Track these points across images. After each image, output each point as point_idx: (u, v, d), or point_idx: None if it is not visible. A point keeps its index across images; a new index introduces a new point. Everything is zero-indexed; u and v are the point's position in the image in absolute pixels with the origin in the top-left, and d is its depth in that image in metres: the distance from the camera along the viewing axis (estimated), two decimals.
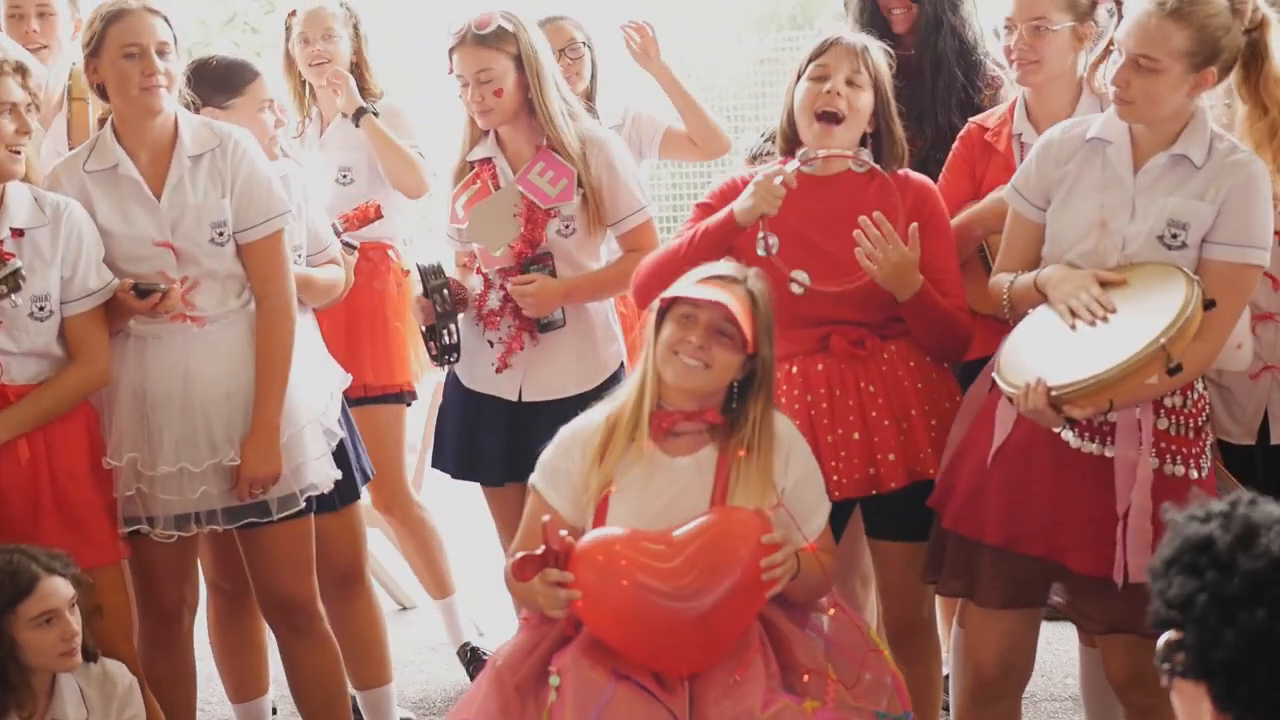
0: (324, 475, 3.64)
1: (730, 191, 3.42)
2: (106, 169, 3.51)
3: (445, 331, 3.87)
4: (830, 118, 3.34)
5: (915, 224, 3.24)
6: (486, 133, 3.90)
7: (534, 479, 3.12)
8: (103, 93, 3.51)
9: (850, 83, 3.35)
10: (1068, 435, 3.03)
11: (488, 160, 3.91)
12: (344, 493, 3.76)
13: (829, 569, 3.09)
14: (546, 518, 2.93)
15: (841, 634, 3.08)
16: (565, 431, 3.14)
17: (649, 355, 3.07)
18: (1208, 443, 3.11)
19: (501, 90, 3.79)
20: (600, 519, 3.02)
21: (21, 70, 3.35)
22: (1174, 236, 3.02)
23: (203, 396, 3.49)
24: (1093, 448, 3.03)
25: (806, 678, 2.94)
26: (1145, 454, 2.98)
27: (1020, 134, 3.59)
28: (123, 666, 3.36)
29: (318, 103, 4.69)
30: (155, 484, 3.48)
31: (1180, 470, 3.03)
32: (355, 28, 4.64)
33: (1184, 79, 2.99)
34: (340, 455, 3.72)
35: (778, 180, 3.25)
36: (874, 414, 3.33)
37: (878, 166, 3.35)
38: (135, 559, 3.54)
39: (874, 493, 3.32)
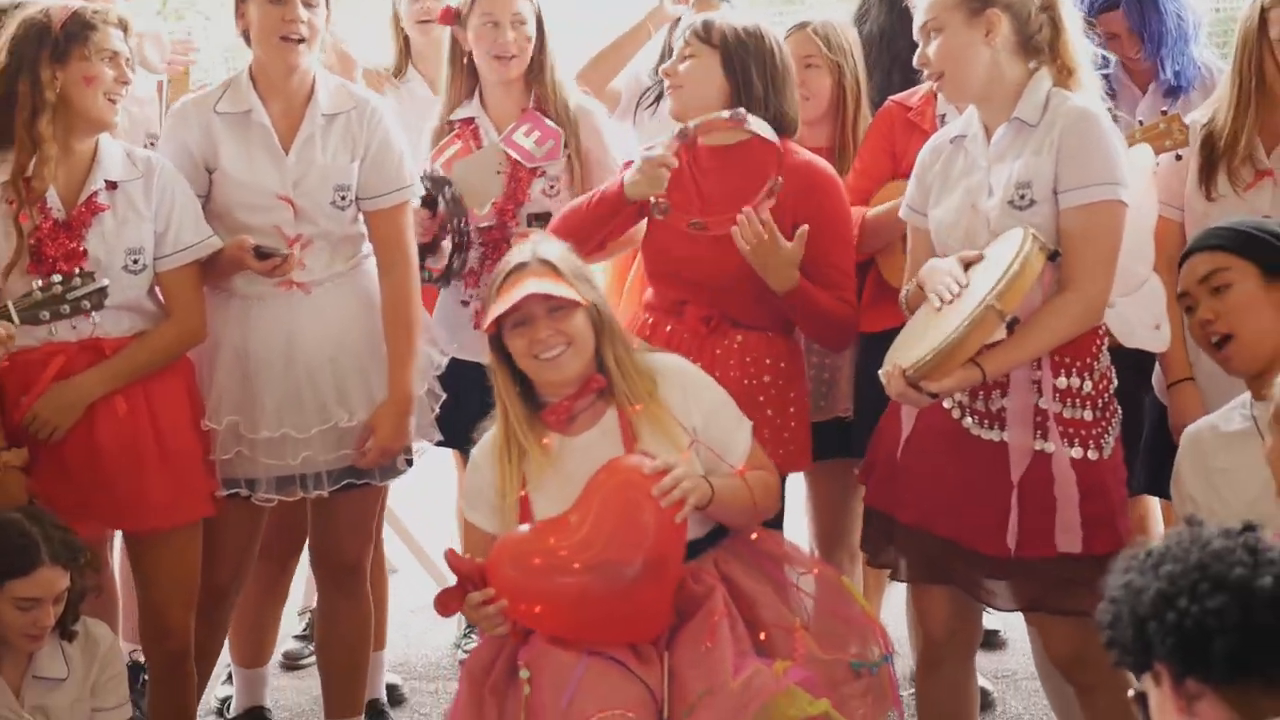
0: (428, 438, 3.70)
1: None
2: (238, 113, 3.50)
3: (458, 233, 3.80)
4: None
5: (805, 226, 3.31)
6: (471, 93, 3.90)
7: (462, 507, 3.15)
8: (247, 39, 3.50)
9: (686, 56, 3.45)
10: (967, 422, 3.10)
11: (469, 120, 3.91)
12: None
13: (767, 485, 3.10)
14: (447, 549, 2.96)
15: (818, 585, 3.11)
16: (475, 451, 3.15)
17: (499, 379, 3.07)
18: (1112, 421, 3.15)
19: (530, 38, 3.81)
20: (524, 518, 3.02)
21: (124, 25, 3.37)
22: (1021, 197, 3.05)
23: (307, 360, 3.49)
24: (991, 435, 3.10)
25: (763, 636, 2.95)
26: (1021, 433, 3.05)
27: (944, 115, 3.63)
28: (104, 627, 3.35)
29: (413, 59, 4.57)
30: (257, 447, 3.49)
31: (1078, 452, 3.07)
32: None
33: (970, 27, 3.07)
34: None
35: (666, 153, 3.36)
36: None
37: (751, 123, 3.39)
38: (204, 530, 3.50)
39: None
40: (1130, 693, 1.77)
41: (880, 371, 3.09)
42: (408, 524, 5.17)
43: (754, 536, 3.09)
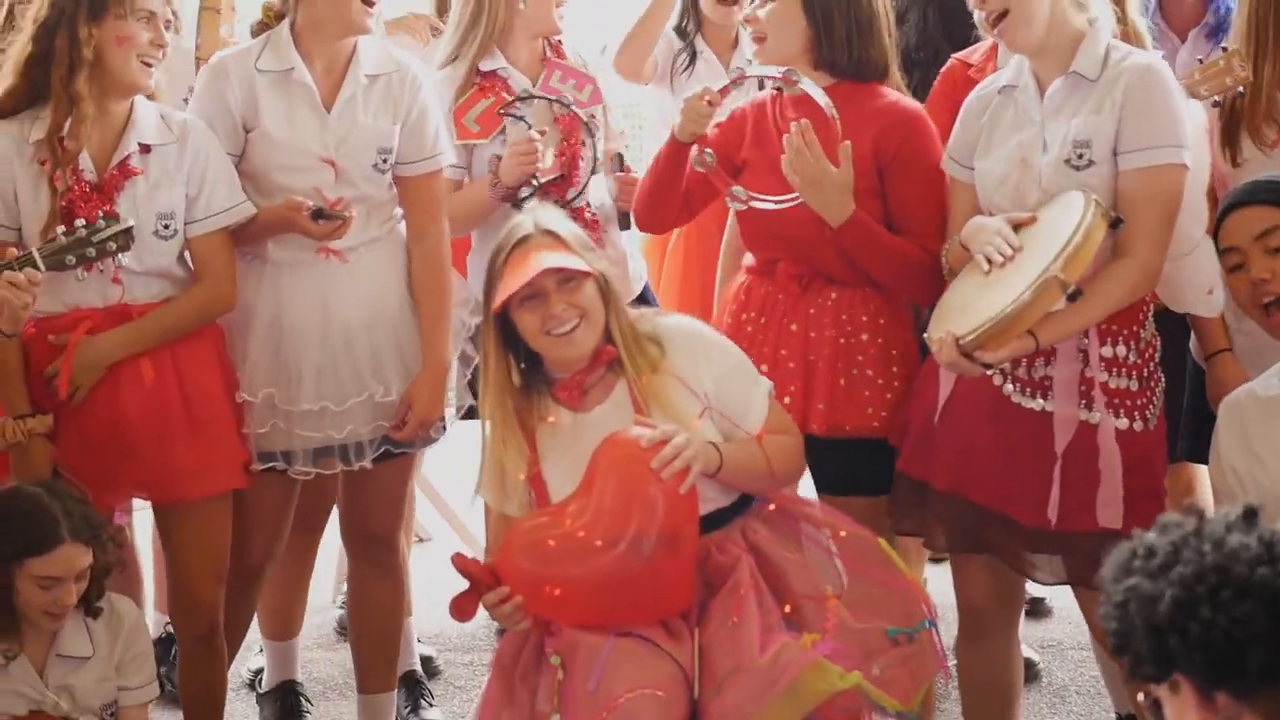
0: (460, 404, 3.68)
1: (732, 121, 3.42)
2: (280, 71, 3.40)
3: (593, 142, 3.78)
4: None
5: (847, 143, 3.15)
6: (489, 46, 3.78)
7: (477, 485, 3.05)
8: None
9: (766, 1, 3.30)
10: (1009, 389, 3.01)
11: (493, 73, 3.79)
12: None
13: (789, 449, 2.99)
14: (454, 553, 2.88)
15: (852, 550, 2.97)
16: (486, 429, 3.04)
17: (489, 357, 2.96)
18: (1158, 390, 3.06)
19: None
20: (541, 498, 2.93)
21: None
22: (1079, 157, 2.94)
23: (343, 328, 3.42)
24: (1033, 404, 3.00)
25: (788, 608, 2.85)
26: (1069, 404, 2.96)
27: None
28: (129, 603, 3.31)
29: None
30: (294, 420, 3.41)
31: (1123, 423, 2.98)
32: None
33: None
34: None
35: (705, 99, 3.25)
36: (783, 352, 3.28)
37: (803, 84, 3.22)
38: (234, 507, 3.43)
39: None
40: (1140, 698, 1.66)
41: (928, 337, 2.99)
42: (441, 491, 5.10)
43: (771, 507, 3.00)
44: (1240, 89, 3.34)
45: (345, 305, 3.41)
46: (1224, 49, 3.43)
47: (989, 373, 2.95)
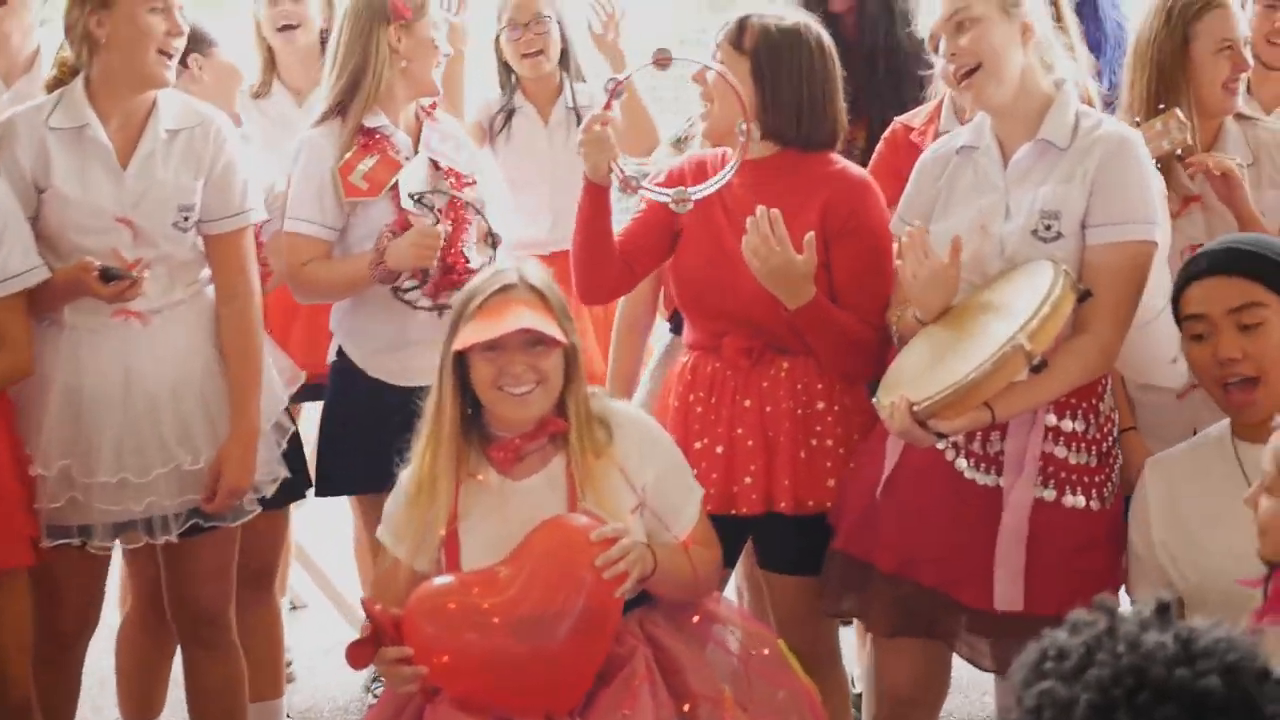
0: (273, 475, 3.45)
1: (671, 179, 3.25)
2: (74, 128, 3.24)
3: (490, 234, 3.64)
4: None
5: (811, 233, 3.01)
6: (371, 105, 3.61)
7: (380, 531, 2.92)
8: (90, 46, 3.22)
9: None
10: (961, 464, 2.88)
11: (373, 132, 3.62)
12: (289, 490, 3.57)
13: (709, 562, 2.89)
14: (363, 595, 2.71)
15: (752, 649, 2.88)
16: (402, 475, 2.91)
17: (442, 399, 2.82)
18: (1115, 467, 2.94)
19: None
20: (452, 561, 2.79)
21: None
22: (1047, 228, 2.84)
23: (147, 396, 3.25)
24: (987, 480, 2.87)
25: (687, 707, 2.74)
26: (1029, 476, 2.82)
27: (947, 133, 3.40)
28: None
29: (278, 70, 4.37)
30: (92, 492, 3.23)
31: (1080, 501, 2.86)
32: None
33: (1006, 21, 2.85)
34: (295, 452, 3.57)
35: (597, 123, 3.07)
36: (739, 431, 3.14)
37: (676, 60, 3.11)
38: (41, 574, 3.24)
39: (731, 513, 3.12)
40: None
41: (878, 403, 2.85)
42: (317, 559, 4.93)
43: (695, 619, 2.88)
44: (1178, 151, 3.25)
45: (148, 371, 3.26)
46: (1161, 109, 3.33)
47: (940, 444, 2.83)
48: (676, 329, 3.65)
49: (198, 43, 3.58)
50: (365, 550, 4.47)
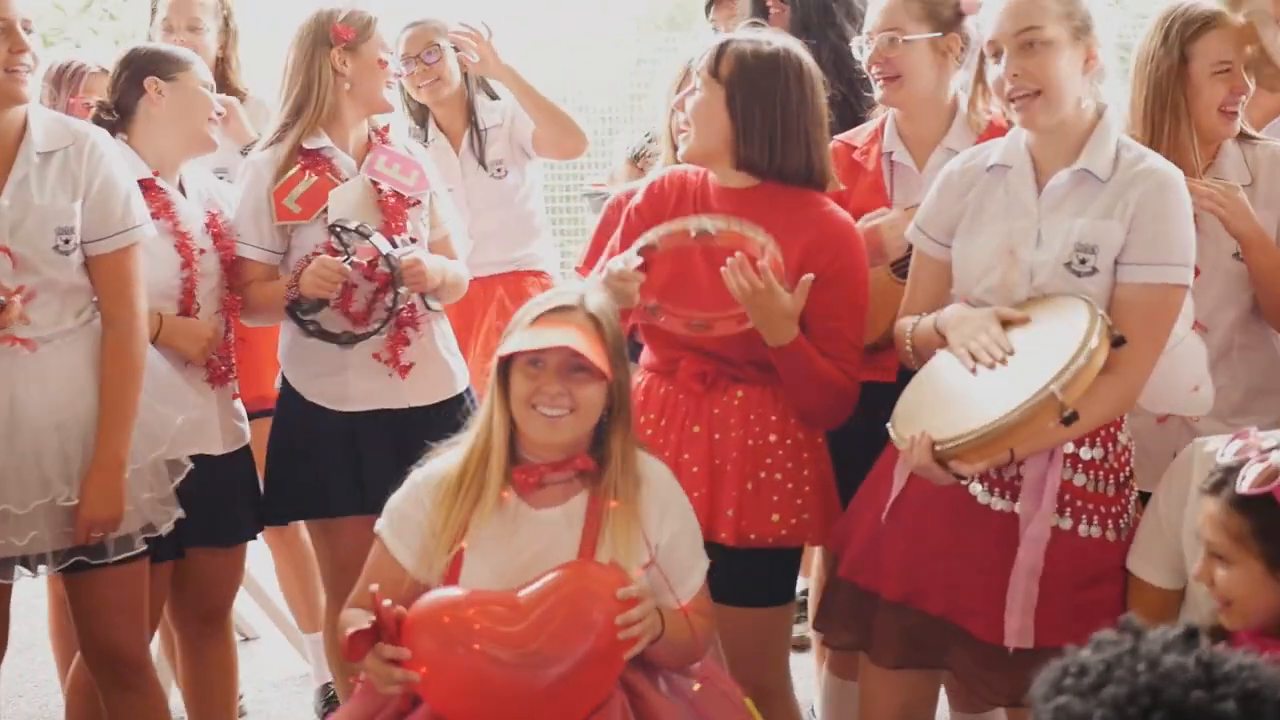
0: (164, 515, 3.30)
1: (653, 194, 3.17)
2: None
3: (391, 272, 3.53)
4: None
5: (809, 275, 2.93)
6: (314, 127, 3.61)
7: (380, 525, 2.80)
8: None
9: (694, 90, 3.09)
10: (975, 489, 2.77)
11: (315, 152, 3.61)
12: (245, 528, 3.59)
13: (704, 632, 2.80)
14: (374, 587, 2.64)
15: (710, 703, 2.79)
16: (418, 475, 2.81)
17: (493, 407, 2.76)
18: (1131, 499, 2.84)
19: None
20: (452, 578, 2.71)
21: None
22: (1082, 262, 2.74)
23: (31, 428, 3.12)
24: (1002, 505, 2.76)
25: None
26: (1048, 510, 2.72)
27: (891, 152, 3.37)
28: None
29: None
30: None
31: (1096, 531, 2.77)
32: (226, 20, 4.33)
33: (1074, 47, 2.76)
34: (252, 487, 3.57)
35: (627, 268, 2.98)
36: (686, 456, 3.07)
37: (711, 232, 2.98)
38: None
39: None
40: None
41: (895, 433, 2.74)
42: (268, 590, 4.83)
43: (696, 687, 2.79)
44: None
45: (34, 402, 3.13)
46: None
47: (962, 483, 2.72)
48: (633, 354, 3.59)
49: (160, 65, 3.52)
50: (291, 581, 4.47)
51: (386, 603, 2.60)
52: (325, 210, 3.58)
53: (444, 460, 2.81)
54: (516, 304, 3.30)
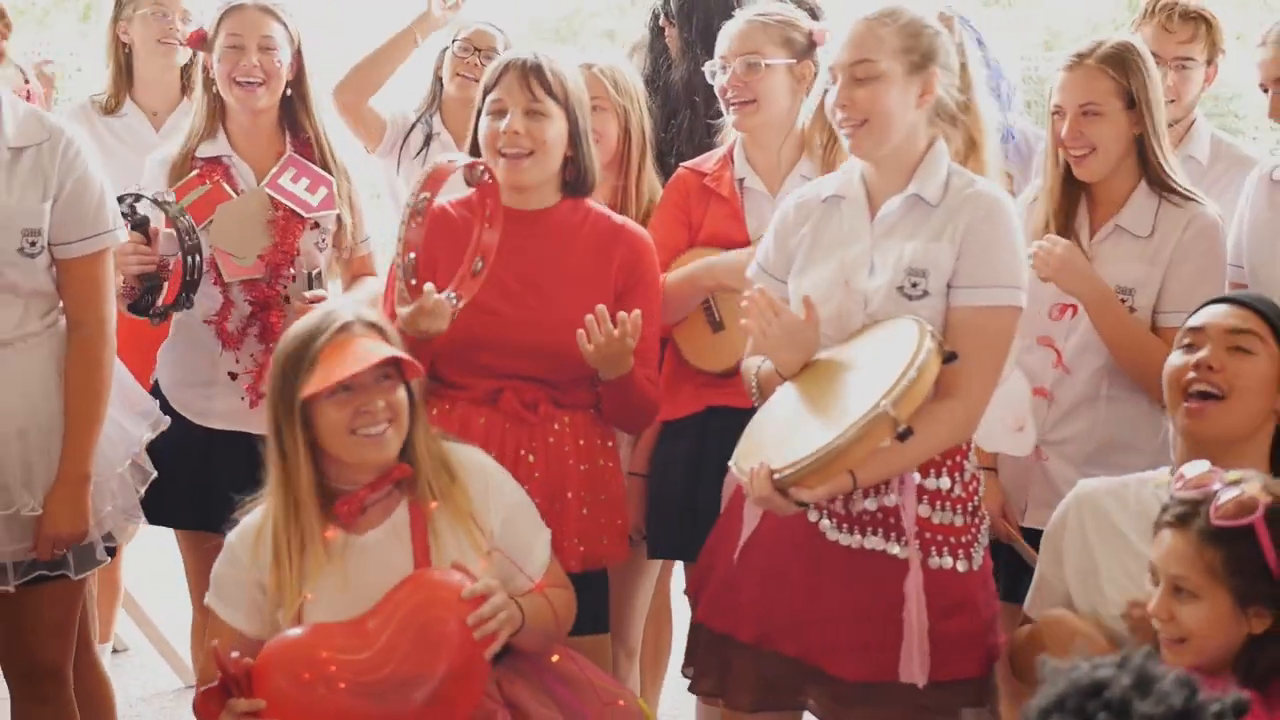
0: (124, 523, 3.24)
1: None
2: None
3: (194, 264, 3.42)
4: (518, 158, 3.05)
5: (637, 311, 2.94)
6: (215, 129, 3.55)
7: (208, 598, 2.75)
8: None
9: (530, 113, 3.04)
10: (825, 525, 2.76)
11: (216, 160, 3.53)
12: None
13: (567, 604, 2.80)
14: (214, 642, 2.58)
15: (612, 710, 2.76)
16: (232, 536, 2.76)
17: (290, 456, 2.65)
18: (982, 528, 2.84)
19: (280, 67, 3.50)
20: (295, 622, 2.64)
21: None
22: (914, 285, 2.74)
23: None
24: (850, 540, 2.75)
25: None
26: (911, 545, 2.72)
27: (743, 179, 3.38)
28: None
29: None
30: None
31: (947, 562, 2.75)
32: None
33: (908, 80, 2.76)
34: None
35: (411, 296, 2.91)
36: (526, 488, 2.97)
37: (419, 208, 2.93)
38: None
39: None
40: None
41: (736, 467, 2.73)
42: (141, 601, 4.71)
43: (555, 659, 2.76)
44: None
45: None
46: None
47: (805, 510, 2.71)
48: None
49: None
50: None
51: (232, 655, 2.54)
52: (210, 223, 3.49)
53: (253, 517, 2.74)
54: None
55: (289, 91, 3.57)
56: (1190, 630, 2.29)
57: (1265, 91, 3.46)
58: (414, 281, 2.91)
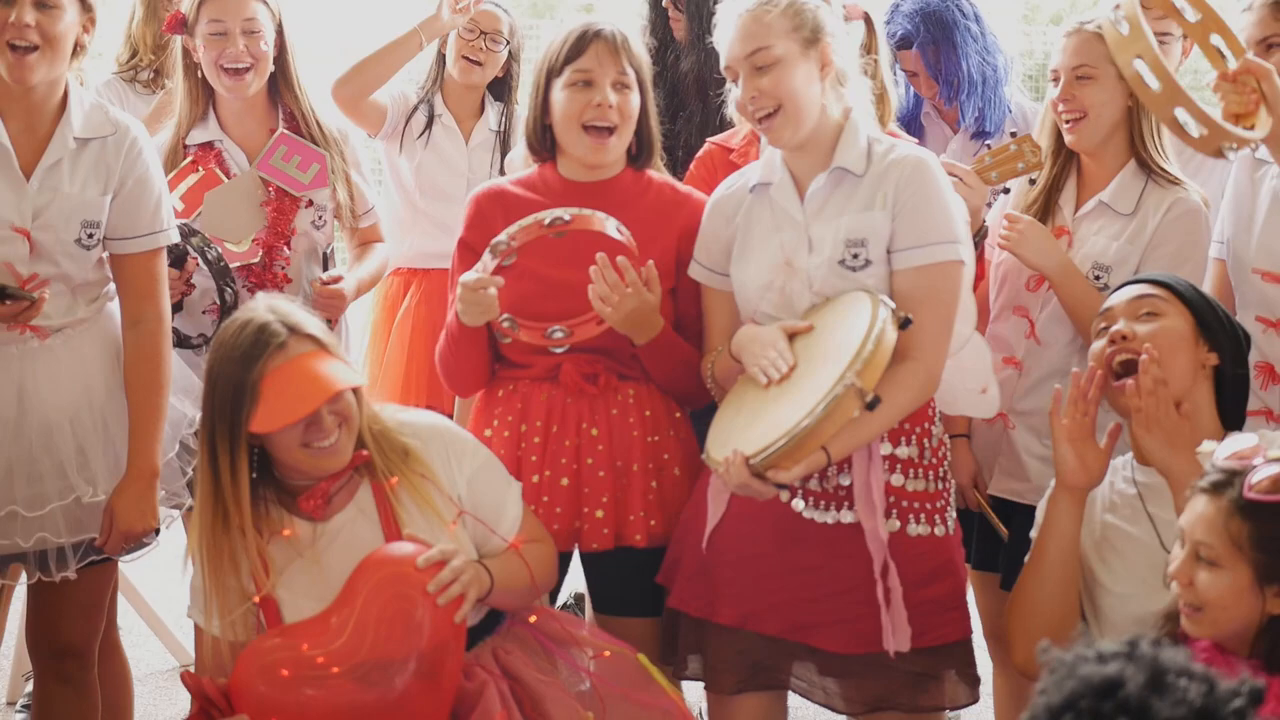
0: (178, 502, 3.26)
1: (475, 217, 3.11)
2: None
3: (227, 289, 3.42)
4: (603, 131, 3.03)
5: (651, 262, 2.91)
6: (205, 114, 3.55)
7: (189, 610, 2.74)
8: None
9: (617, 85, 3.04)
10: (798, 504, 2.80)
11: (209, 145, 3.54)
12: None
13: (545, 559, 2.79)
14: (182, 667, 2.57)
15: (612, 670, 2.76)
16: (190, 548, 2.71)
17: (236, 474, 2.59)
18: (951, 493, 2.89)
19: (266, 49, 3.47)
20: (273, 620, 2.62)
21: None
22: (855, 256, 2.77)
23: (42, 421, 3.02)
24: (826, 518, 2.79)
25: None
26: (879, 511, 2.75)
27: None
28: None
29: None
30: None
31: (925, 530, 2.81)
32: None
33: (806, 58, 2.79)
34: None
35: (484, 273, 2.91)
36: (590, 461, 3.02)
37: (565, 219, 2.89)
38: None
39: (575, 549, 3.04)
40: None
41: (708, 458, 2.75)
42: (135, 581, 4.73)
43: (532, 619, 2.77)
44: (1031, 176, 3.29)
45: (45, 394, 3.03)
46: (1013, 134, 3.37)
47: (781, 493, 2.75)
48: None
49: None
50: None
51: (205, 679, 2.54)
52: (200, 213, 3.49)
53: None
54: None
55: (272, 68, 3.56)
56: (1207, 599, 2.27)
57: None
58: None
